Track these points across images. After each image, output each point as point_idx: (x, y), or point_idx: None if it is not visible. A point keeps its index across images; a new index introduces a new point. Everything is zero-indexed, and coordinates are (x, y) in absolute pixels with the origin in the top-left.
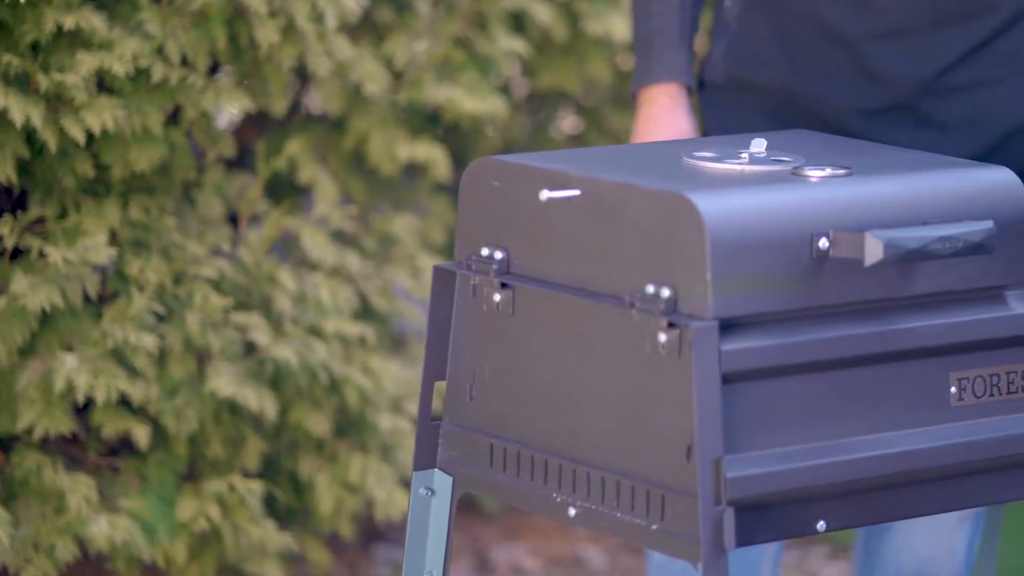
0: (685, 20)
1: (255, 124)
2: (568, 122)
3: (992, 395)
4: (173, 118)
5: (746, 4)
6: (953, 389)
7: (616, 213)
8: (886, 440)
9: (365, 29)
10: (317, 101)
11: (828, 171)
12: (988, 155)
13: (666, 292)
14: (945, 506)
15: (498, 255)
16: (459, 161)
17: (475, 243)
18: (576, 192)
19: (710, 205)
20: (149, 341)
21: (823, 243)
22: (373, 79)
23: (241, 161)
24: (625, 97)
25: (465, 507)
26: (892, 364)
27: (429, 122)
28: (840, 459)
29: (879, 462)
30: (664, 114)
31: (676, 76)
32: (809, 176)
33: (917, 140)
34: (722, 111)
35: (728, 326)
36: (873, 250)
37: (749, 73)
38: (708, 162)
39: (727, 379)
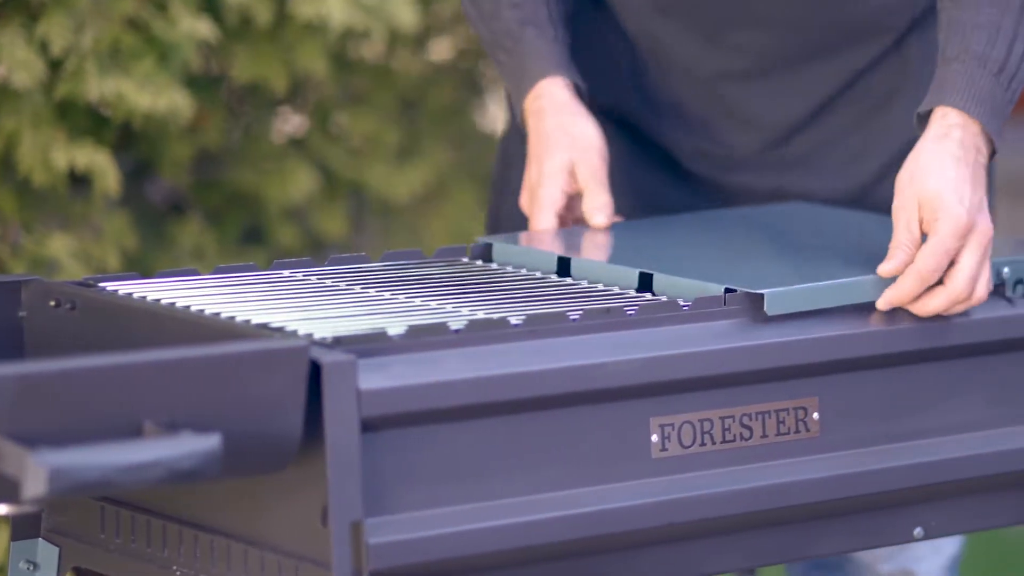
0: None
1: None
2: (290, 122)
3: (703, 444)
4: None
5: (583, 13)
6: (655, 437)
7: None
8: (571, 499)
9: (13, 8)
10: None
11: None
12: (867, 192)
13: None
14: None
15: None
16: (143, 171)
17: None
18: None
19: None
20: None
21: None
22: (24, 68)
23: None
24: (354, 93)
25: None
26: (581, 407)
27: (98, 122)
28: (512, 521)
29: (560, 525)
30: (570, 118)
31: (566, 70)
32: None
33: (785, 186)
34: None
35: (373, 362)
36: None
37: (594, 92)
38: None
39: (369, 426)
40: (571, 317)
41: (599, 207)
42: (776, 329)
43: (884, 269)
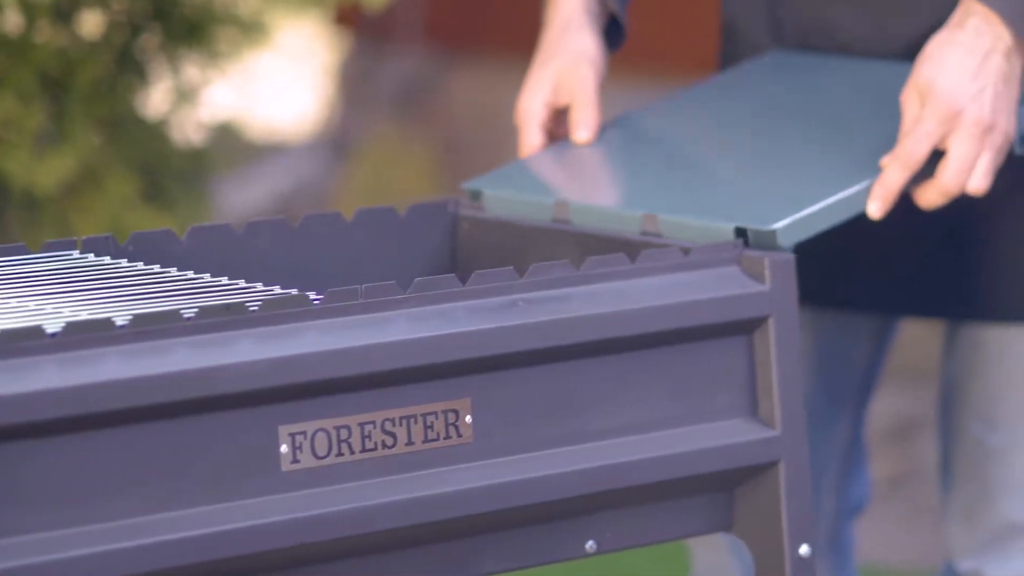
0: None
1: None
2: None
3: (340, 454)
4: None
5: None
6: (284, 448)
7: None
8: (190, 519)
9: None
10: None
11: None
12: None
13: None
14: None
15: None
16: None
17: None
18: None
19: None
20: None
21: None
22: None
23: None
24: None
25: None
26: (197, 416)
27: None
28: (122, 546)
29: (179, 548)
30: (570, 33)
31: None
32: None
33: None
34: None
35: None
36: None
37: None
38: None
39: None
40: (185, 316)
41: (582, 122)
42: (421, 323)
43: (883, 161)
